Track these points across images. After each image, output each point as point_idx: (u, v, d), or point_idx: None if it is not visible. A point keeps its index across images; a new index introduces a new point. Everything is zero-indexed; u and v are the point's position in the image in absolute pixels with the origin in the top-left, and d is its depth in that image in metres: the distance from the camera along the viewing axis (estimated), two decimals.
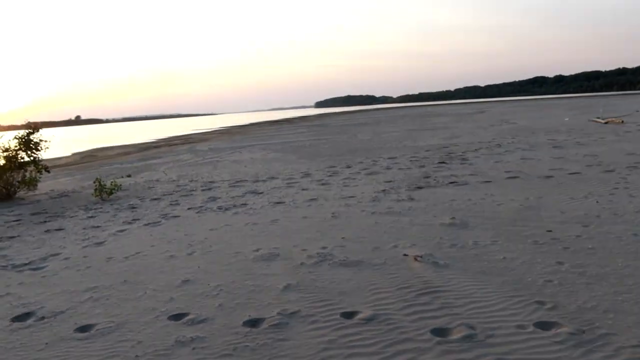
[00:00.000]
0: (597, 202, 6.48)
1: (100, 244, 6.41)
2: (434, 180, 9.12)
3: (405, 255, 4.76)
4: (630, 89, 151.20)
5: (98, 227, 7.54)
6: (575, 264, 4.28)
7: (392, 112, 67.48)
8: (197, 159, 19.17)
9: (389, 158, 13.25)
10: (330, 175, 10.85)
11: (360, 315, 3.49)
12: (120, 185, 11.17)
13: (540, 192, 7.38)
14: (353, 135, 24.56)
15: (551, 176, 8.64)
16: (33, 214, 9.02)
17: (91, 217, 8.44)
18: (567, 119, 25.38)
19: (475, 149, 13.77)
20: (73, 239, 6.85)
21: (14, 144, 11.63)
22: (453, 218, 6.09)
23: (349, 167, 12.08)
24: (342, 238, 5.60)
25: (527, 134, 17.95)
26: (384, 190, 8.40)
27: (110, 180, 11.14)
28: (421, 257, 4.63)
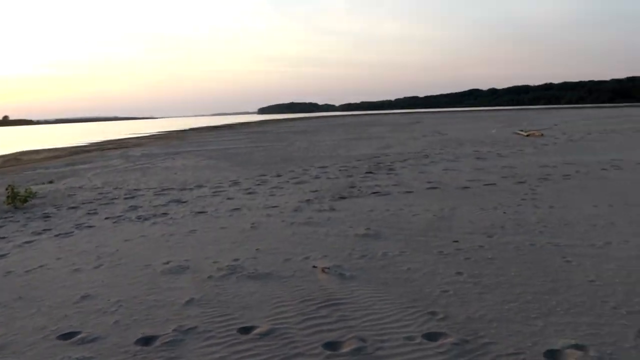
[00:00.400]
0: (504, 212, 6.83)
1: (1, 256, 6.04)
2: (358, 190, 9.29)
3: (314, 267, 4.80)
4: (555, 104, 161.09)
5: (3, 238, 7.11)
6: (473, 274, 4.47)
7: (332, 121, 68.27)
8: (127, 164, 18.52)
9: (320, 167, 13.37)
10: (258, 184, 10.80)
11: (257, 330, 3.48)
12: (36, 192, 10.59)
13: (455, 202, 7.68)
14: (290, 143, 24.61)
15: (468, 187, 9.03)
16: None
17: None
18: (494, 131, 26.66)
19: (404, 160, 14.17)
20: None
21: None
22: (368, 229, 6.21)
23: (279, 175, 12.08)
24: (257, 249, 5.57)
25: (455, 145, 18.68)
26: (308, 200, 8.46)
27: (25, 187, 10.54)
28: (329, 268, 4.68)
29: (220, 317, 3.73)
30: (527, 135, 21.60)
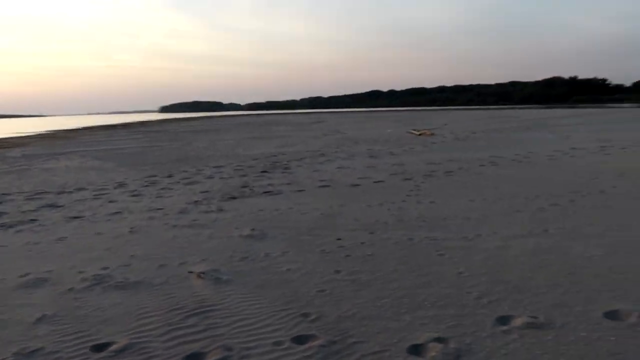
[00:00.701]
0: (388, 209, 7.00)
1: None
2: (250, 190, 9.09)
3: (190, 272, 4.54)
4: (449, 105, 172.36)
5: None
6: (351, 271, 4.47)
7: (236, 120, 67.25)
8: (1, 167, 16.72)
9: (215, 167, 12.98)
10: (146, 186, 10.20)
11: (113, 347, 3.16)
12: None
13: (344, 200, 7.76)
14: (188, 143, 23.75)
15: (358, 184, 9.20)
16: None
17: None
18: (389, 131, 27.74)
19: (300, 158, 14.19)
20: None
21: None
22: (253, 229, 6.05)
23: (170, 176, 11.52)
24: (131, 256, 5.18)
25: (351, 144, 19.12)
26: (196, 202, 8.11)
27: None
28: (204, 273, 4.45)
29: (73, 335, 3.36)
30: (419, 135, 22.70)
